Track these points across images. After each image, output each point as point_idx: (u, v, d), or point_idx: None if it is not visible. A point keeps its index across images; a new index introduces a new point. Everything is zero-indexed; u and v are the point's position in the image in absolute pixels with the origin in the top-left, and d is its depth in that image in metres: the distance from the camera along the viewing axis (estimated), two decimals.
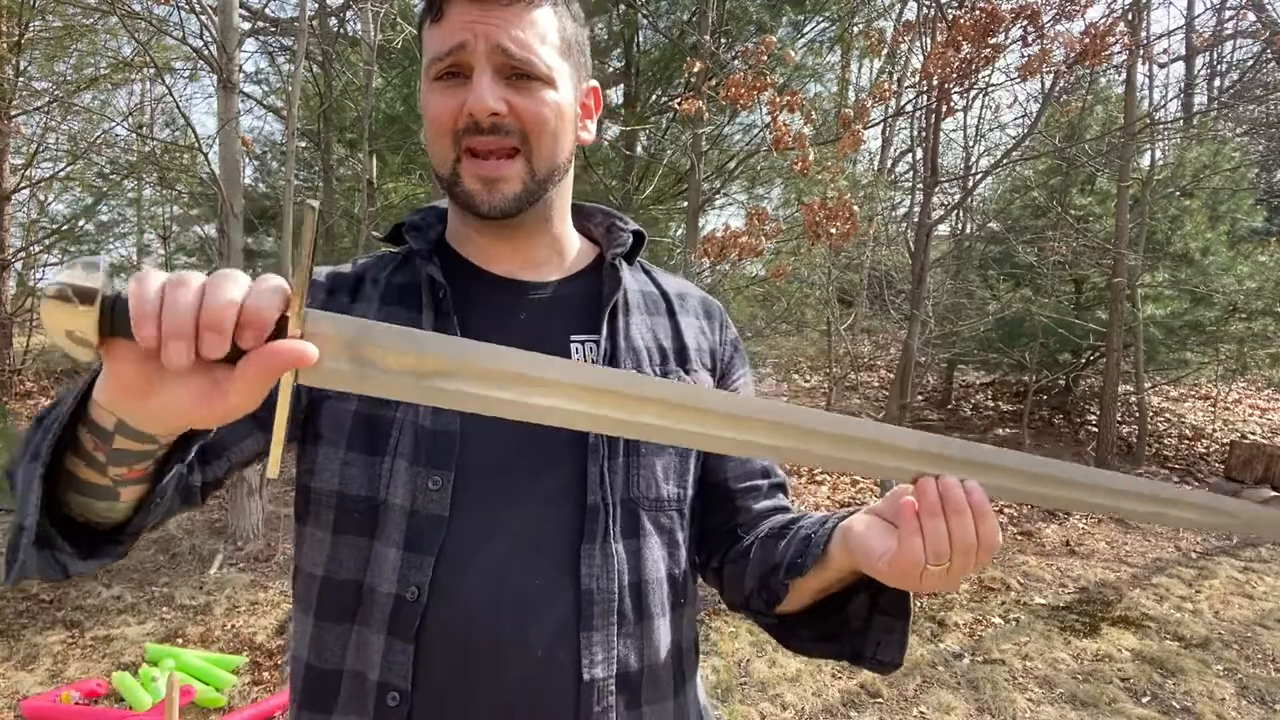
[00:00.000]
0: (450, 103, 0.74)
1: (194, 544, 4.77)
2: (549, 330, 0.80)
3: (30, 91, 8.46)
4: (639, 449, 0.78)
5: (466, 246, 0.84)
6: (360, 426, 0.75)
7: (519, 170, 0.76)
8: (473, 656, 0.71)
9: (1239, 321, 7.64)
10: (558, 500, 0.75)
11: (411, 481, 0.73)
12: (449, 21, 0.73)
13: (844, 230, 4.29)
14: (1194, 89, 13.67)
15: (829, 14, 7.02)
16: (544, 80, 0.75)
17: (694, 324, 0.88)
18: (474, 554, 0.73)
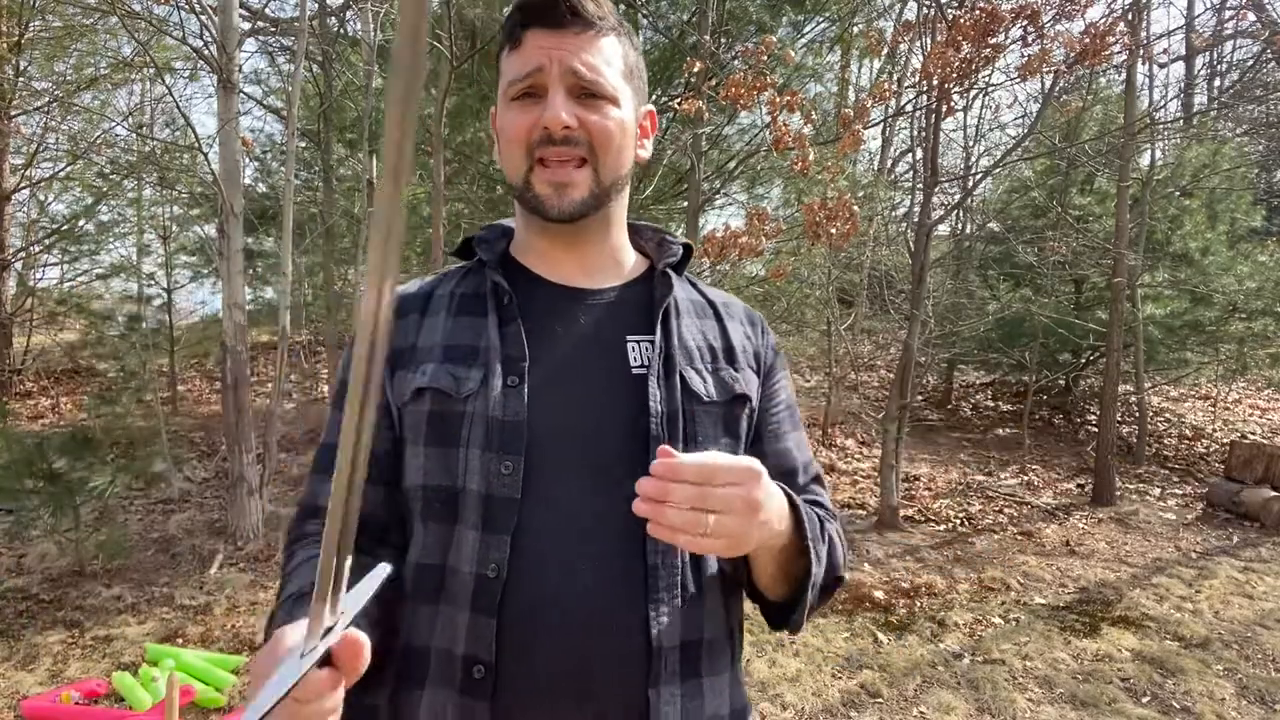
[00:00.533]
0: (526, 118, 0.82)
1: (194, 544, 4.77)
2: (607, 331, 0.87)
3: (30, 91, 8.46)
4: (696, 436, 0.84)
5: (530, 257, 0.91)
6: (434, 423, 0.82)
7: (586, 177, 0.83)
8: (550, 628, 0.76)
9: (1239, 321, 7.64)
10: (623, 482, 0.76)
11: (484, 468, 0.79)
12: (526, 48, 0.82)
13: (844, 230, 4.28)
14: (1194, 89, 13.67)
15: (829, 14, 7.02)
16: (610, 99, 0.83)
17: (740, 329, 0.94)
18: (547, 532, 0.78)
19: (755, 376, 0.92)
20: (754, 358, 0.93)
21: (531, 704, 0.76)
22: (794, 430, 0.96)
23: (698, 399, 0.85)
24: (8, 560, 4.47)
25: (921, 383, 9.46)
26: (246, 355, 4.85)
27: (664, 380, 0.84)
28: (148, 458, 5.16)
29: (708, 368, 0.88)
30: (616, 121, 0.83)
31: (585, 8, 0.82)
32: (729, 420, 0.87)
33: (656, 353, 0.85)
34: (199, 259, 8.70)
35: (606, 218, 0.89)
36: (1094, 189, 7.99)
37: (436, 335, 0.86)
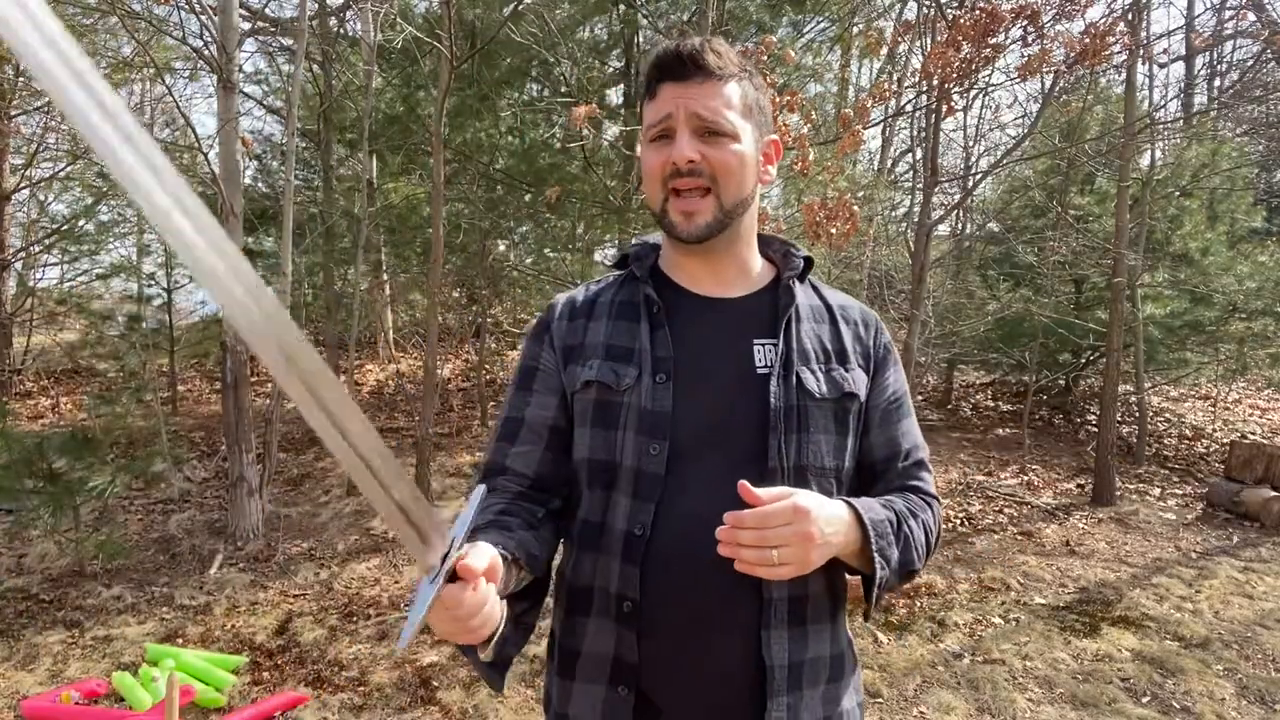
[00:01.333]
0: (661, 157, 0.99)
1: (194, 544, 4.77)
2: (737, 335, 1.03)
3: (30, 91, 8.45)
4: (808, 428, 1.01)
5: (675, 270, 1.09)
6: (599, 410, 1.02)
7: (710, 205, 1.00)
8: (683, 576, 0.95)
9: (1239, 321, 7.64)
10: (746, 464, 0.97)
11: (637, 448, 0.99)
12: (660, 99, 1.00)
13: (844, 230, 4.28)
14: (1194, 89, 13.66)
15: (829, 14, 7.02)
16: (730, 135, 0.99)
17: (852, 330, 1.10)
18: (684, 501, 0.97)
19: (864, 374, 1.07)
20: (864, 356, 1.08)
21: (667, 633, 0.96)
22: (902, 419, 1.10)
23: (811, 395, 1.01)
24: (8, 560, 4.47)
25: (921, 383, 9.46)
26: (246, 355, 4.85)
27: (783, 379, 1.01)
28: (148, 458, 5.16)
29: (821, 368, 1.04)
30: (736, 155, 0.99)
31: (706, 61, 0.98)
32: (839, 414, 1.03)
33: (778, 355, 1.02)
34: None
35: (734, 235, 1.05)
36: (1094, 189, 7.99)
37: (600, 336, 1.05)
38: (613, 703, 0.98)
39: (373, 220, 7.48)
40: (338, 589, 4.13)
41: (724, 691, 0.97)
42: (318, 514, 5.37)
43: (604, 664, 0.98)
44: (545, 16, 6.30)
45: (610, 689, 0.98)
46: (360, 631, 3.64)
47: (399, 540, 0.77)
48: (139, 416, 6.78)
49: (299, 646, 3.49)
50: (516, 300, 10.32)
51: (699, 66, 0.98)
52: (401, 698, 3.06)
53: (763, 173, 1.06)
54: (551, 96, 7.83)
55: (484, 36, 5.91)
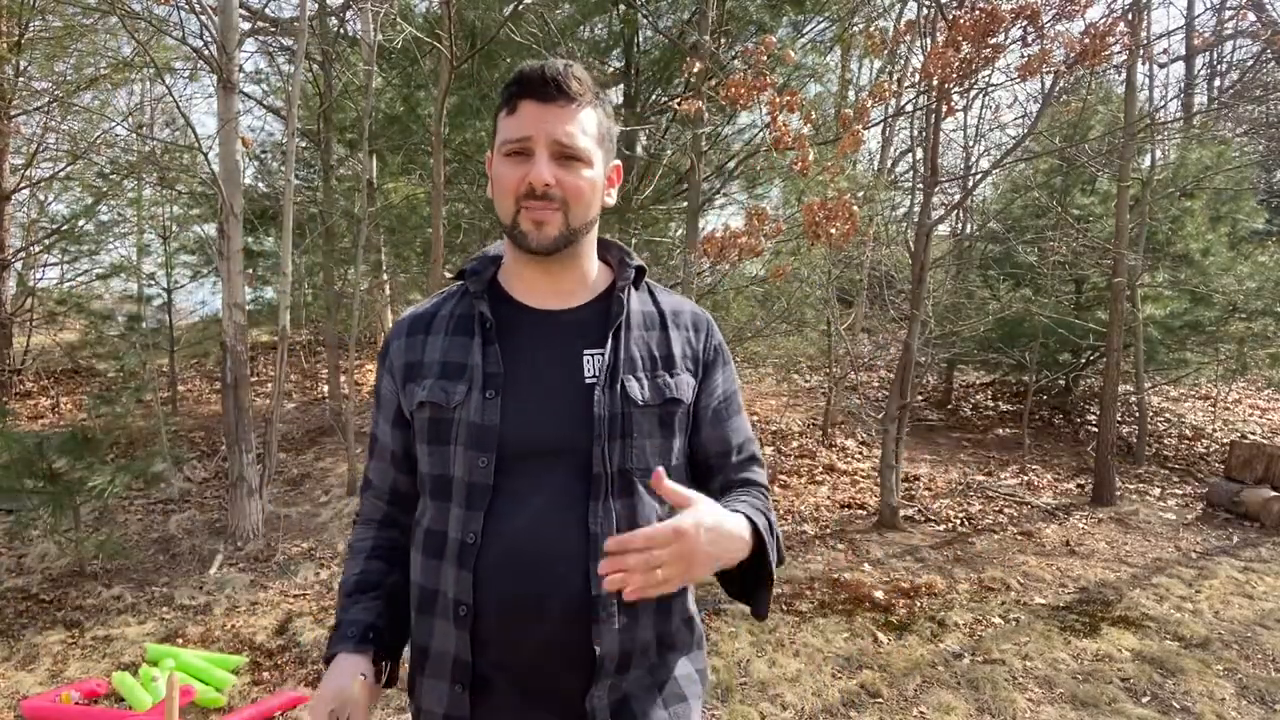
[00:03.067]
0: (516, 173, 1.04)
1: (194, 544, 4.77)
2: (569, 346, 1.08)
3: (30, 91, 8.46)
4: (632, 433, 1.06)
5: (513, 282, 1.14)
6: (433, 427, 1.08)
7: (559, 220, 1.05)
8: (512, 581, 1.01)
9: (1239, 321, 7.63)
10: (573, 470, 1.04)
11: (467, 462, 1.04)
12: (520, 116, 1.04)
13: (844, 230, 4.28)
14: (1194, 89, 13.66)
15: (829, 14, 7.02)
16: (584, 161, 1.05)
17: (682, 335, 1.15)
18: (512, 510, 1.02)
19: (692, 377, 1.13)
20: (693, 361, 1.14)
21: (499, 635, 1.02)
22: (731, 416, 1.17)
23: (634, 403, 1.06)
24: (8, 560, 4.47)
25: (921, 383, 9.46)
26: (246, 355, 4.85)
27: (608, 388, 1.06)
28: (148, 458, 5.16)
29: (647, 375, 1.09)
30: (588, 180, 1.05)
31: (569, 87, 1.03)
32: (663, 418, 1.09)
33: (606, 363, 1.07)
34: (199, 259, 8.69)
35: (576, 252, 1.10)
36: (1095, 189, 7.98)
37: (435, 353, 1.11)
38: (453, 699, 1.05)
39: (373, 220, 7.47)
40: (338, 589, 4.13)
41: (553, 680, 1.04)
42: (318, 514, 5.37)
43: (445, 662, 1.05)
44: (545, 16, 6.30)
45: (450, 687, 1.05)
46: None
47: None
48: (139, 416, 6.78)
49: (299, 646, 3.49)
50: None
51: (561, 91, 1.02)
52: (401, 697, 3.05)
53: (605, 194, 1.12)
54: None
55: (484, 36, 5.90)
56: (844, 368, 8.79)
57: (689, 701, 1.12)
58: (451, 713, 1.05)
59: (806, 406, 8.93)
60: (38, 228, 9.21)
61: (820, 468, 6.75)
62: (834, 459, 6.99)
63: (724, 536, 0.94)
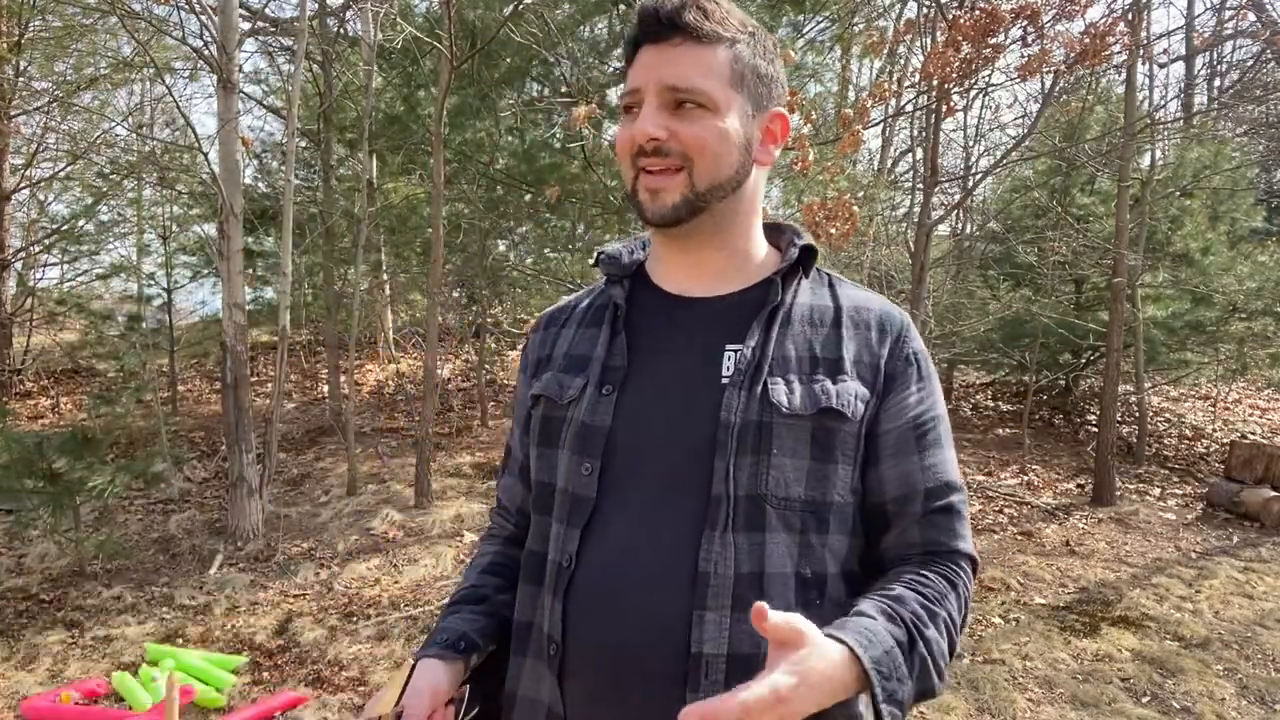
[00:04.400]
0: (627, 133, 0.86)
1: (194, 544, 4.77)
2: (710, 339, 0.89)
3: (30, 91, 8.46)
4: (770, 449, 0.83)
5: (656, 266, 0.96)
6: (544, 426, 0.93)
7: (680, 182, 0.85)
8: (600, 620, 0.83)
9: (1239, 321, 7.63)
10: (688, 489, 0.83)
11: (570, 468, 0.88)
12: (636, 67, 0.87)
13: (844, 230, 4.28)
14: (1194, 89, 13.65)
15: (829, 14, 7.02)
16: (707, 106, 0.84)
17: (859, 336, 0.91)
18: (613, 531, 0.84)
19: (867, 389, 0.88)
20: (870, 369, 0.89)
21: (586, 679, 0.84)
22: (926, 449, 0.90)
23: (777, 410, 0.84)
24: (8, 560, 4.47)
25: None
26: (246, 355, 4.85)
27: (745, 390, 0.84)
28: (148, 458, 5.16)
29: (801, 378, 0.86)
30: (714, 129, 0.84)
31: (686, 20, 0.84)
32: (818, 434, 0.84)
33: (749, 361, 0.86)
34: (199, 259, 8.69)
35: (717, 224, 0.89)
36: (1095, 189, 7.98)
37: (564, 346, 0.96)
38: None
39: (373, 220, 7.47)
40: (338, 589, 4.13)
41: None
42: (318, 514, 5.37)
43: (539, 711, 0.88)
44: (545, 16, 6.30)
45: None
46: (360, 631, 3.64)
47: None
48: (139, 416, 6.78)
49: (299, 646, 3.49)
50: (516, 300, 10.32)
51: (677, 27, 0.84)
52: None
53: (760, 152, 0.90)
54: (551, 96, 7.83)
55: (484, 36, 5.90)
56: None
57: None
58: None
59: None
60: (38, 228, 9.21)
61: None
62: None
63: (825, 684, 0.69)
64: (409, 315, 10.81)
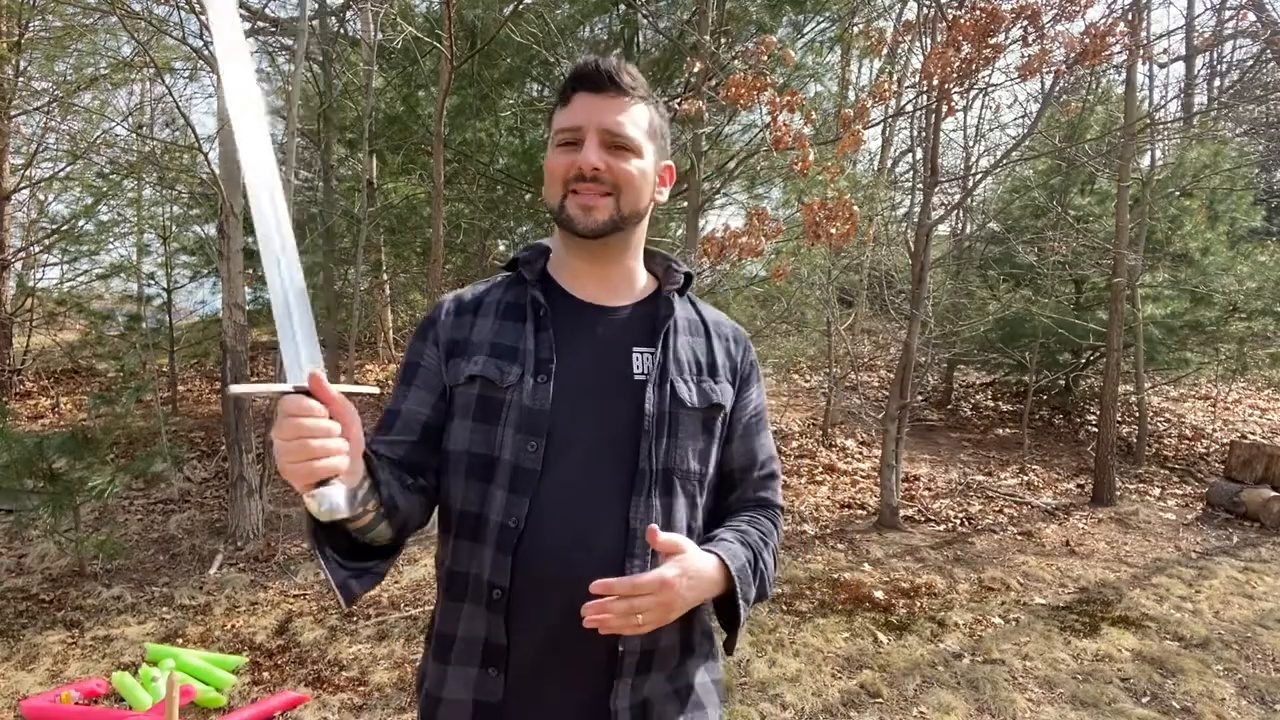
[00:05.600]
0: (565, 160, 1.06)
1: (194, 544, 4.77)
2: (618, 342, 1.10)
3: (30, 91, 8.45)
4: (678, 434, 1.07)
5: (563, 274, 1.14)
6: (481, 404, 1.06)
7: (609, 204, 1.06)
8: (550, 567, 1.01)
9: (1239, 321, 7.64)
10: (618, 465, 1.05)
11: (515, 444, 1.03)
12: (573, 107, 1.07)
13: (844, 230, 4.28)
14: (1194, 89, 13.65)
15: (829, 14, 7.01)
16: (633, 151, 1.06)
17: (723, 345, 1.17)
18: (556, 497, 1.03)
19: (731, 388, 1.15)
20: (731, 372, 1.16)
21: (533, 619, 1.02)
22: (760, 433, 1.20)
23: (683, 404, 1.08)
24: (8, 560, 4.47)
25: (921, 383, 9.46)
26: (246, 355, 4.85)
27: (658, 387, 1.07)
28: (148, 458, 5.15)
29: (693, 379, 1.11)
30: (637, 168, 1.07)
31: (621, 79, 1.06)
32: (706, 422, 1.11)
33: (655, 364, 1.08)
34: (199, 259, 8.69)
35: (625, 243, 1.11)
36: (1094, 189, 7.98)
37: (485, 334, 1.10)
38: (483, 682, 1.04)
39: (373, 220, 7.47)
40: None
41: (583, 672, 1.04)
42: None
43: (475, 647, 1.04)
44: (545, 16, 6.30)
45: (481, 670, 1.04)
46: (360, 631, 3.64)
47: (281, 356, 0.89)
48: (139, 416, 6.78)
49: (299, 646, 3.49)
50: None
51: (613, 82, 1.06)
52: (401, 698, 3.05)
53: (656, 192, 1.14)
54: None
55: (484, 36, 5.90)
56: (844, 368, 8.79)
57: (707, 710, 1.13)
58: (481, 696, 1.04)
59: (806, 406, 8.93)
60: (38, 228, 9.20)
61: (820, 467, 6.75)
62: (834, 459, 6.99)
63: (702, 582, 0.99)
64: (409, 315, 10.80)
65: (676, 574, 0.94)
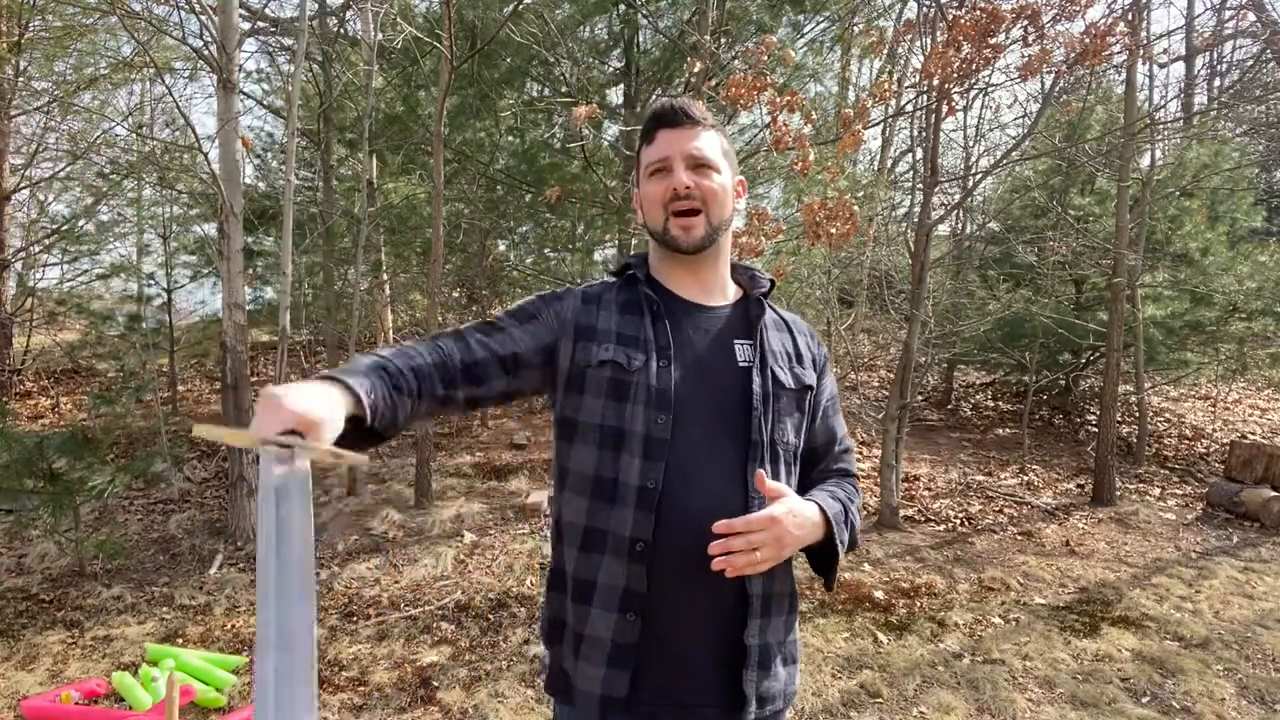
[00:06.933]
0: (661, 187, 1.25)
1: (194, 544, 4.77)
2: (722, 334, 1.27)
3: (30, 91, 8.45)
4: (779, 412, 1.25)
5: (665, 279, 1.31)
6: (613, 385, 1.21)
7: (702, 221, 1.25)
8: (685, 525, 1.16)
9: (1239, 321, 7.64)
10: (732, 438, 1.21)
11: (646, 418, 1.19)
12: (658, 142, 1.27)
13: (844, 230, 4.28)
14: (1194, 89, 13.65)
15: (829, 14, 7.01)
16: (714, 168, 1.26)
17: (804, 340, 1.37)
18: (685, 463, 1.18)
19: (814, 373, 1.34)
20: (812, 362, 1.35)
21: (672, 567, 1.16)
22: (836, 414, 1.39)
23: (782, 386, 1.26)
24: (8, 560, 4.47)
25: (921, 383, 9.46)
26: (246, 355, 4.85)
27: (760, 371, 1.25)
28: (148, 458, 5.15)
29: (786, 366, 1.29)
30: (720, 184, 1.26)
31: (693, 113, 1.26)
32: (799, 401, 1.29)
33: (755, 353, 1.26)
34: (199, 259, 8.69)
35: (718, 251, 1.30)
36: (1094, 189, 7.98)
37: (611, 324, 1.26)
38: (621, 626, 1.17)
39: (373, 220, 7.47)
40: (338, 589, 4.13)
41: (714, 614, 1.19)
42: (318, 514, 5.37)
43: (615, 594, 1.18)
44: (545, 16, 6.30)
45: (620, 615, 1.17)
46: (360, 631, 3.64)
47: None
48: (139, 416, 6.79)
49: None
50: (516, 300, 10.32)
51: (689, 116, 1.26)
52: (401, 698, 3.06)
53: (735, 202, 1.33)
54: (551, 96, 7.83)
55: (484, 36, 5.90)
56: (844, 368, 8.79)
57: (796, 665, 1.31)
58: (620, 639, 1.17)
59: None
60: (38, 228, 9.19)
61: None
62: None
63: (805, 522, 1.14)
64: (409, 315, 10.80)
65: (784, 511, 1.11)
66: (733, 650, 1.20)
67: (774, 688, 1.24)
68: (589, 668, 1.19)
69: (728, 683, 1.20)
